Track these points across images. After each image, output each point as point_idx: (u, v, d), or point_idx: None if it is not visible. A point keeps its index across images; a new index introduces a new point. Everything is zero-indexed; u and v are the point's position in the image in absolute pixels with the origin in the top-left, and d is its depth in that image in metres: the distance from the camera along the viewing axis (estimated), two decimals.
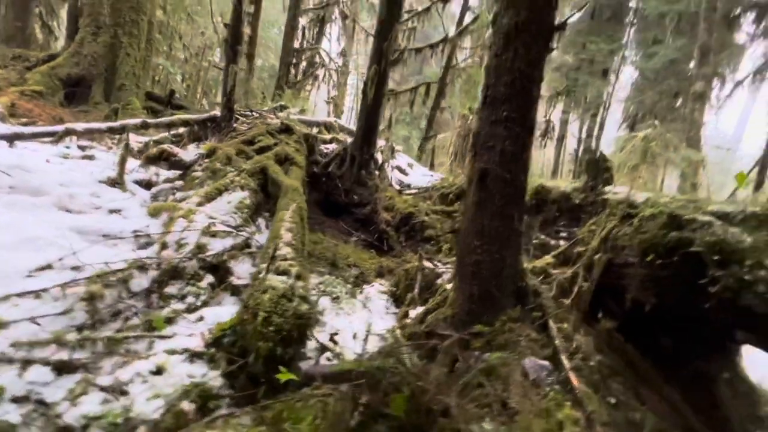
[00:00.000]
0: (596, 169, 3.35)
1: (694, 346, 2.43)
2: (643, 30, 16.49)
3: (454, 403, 1.94)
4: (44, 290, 2.13)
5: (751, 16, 13.38)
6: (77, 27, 8.31)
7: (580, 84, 16.57)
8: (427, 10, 6.83)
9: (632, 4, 16.89)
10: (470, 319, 2.47)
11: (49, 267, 2.34)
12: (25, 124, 5.56)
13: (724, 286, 1.97)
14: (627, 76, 18.10)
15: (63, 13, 12.70)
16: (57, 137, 4.89)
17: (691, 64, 13.60)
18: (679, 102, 15.38)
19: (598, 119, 17.75)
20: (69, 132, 4.97)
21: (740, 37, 14.21)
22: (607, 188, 3.34)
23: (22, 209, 2.87)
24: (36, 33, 11.43)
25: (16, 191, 3.10)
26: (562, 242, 3.46)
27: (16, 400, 1.67)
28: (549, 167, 19.44)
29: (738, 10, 13.55)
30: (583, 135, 18.53)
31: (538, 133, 19.42)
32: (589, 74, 16.45)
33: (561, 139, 19.13)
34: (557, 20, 2.32)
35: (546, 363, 2.14)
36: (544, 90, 19.15)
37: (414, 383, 1.99)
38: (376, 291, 3.96)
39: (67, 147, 5.05)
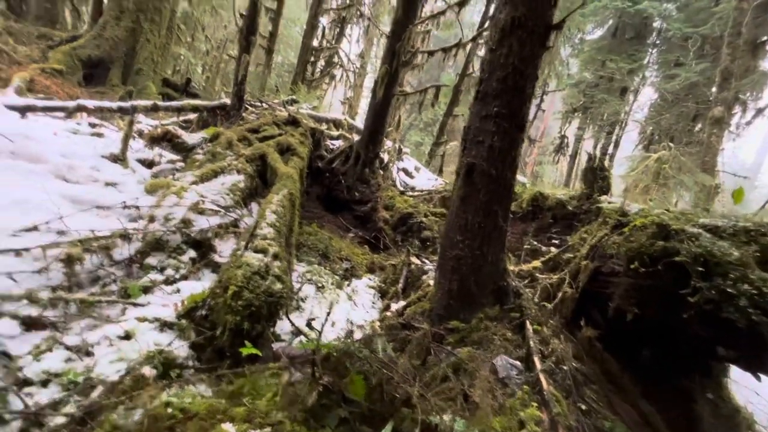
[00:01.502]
0: (593, 176, 3.29)
1: (675, 361, 2.36)
2: (666, 51, 16.29)
3: (417, 394, 1.91)
4: (26, 249, 2.17)
5: None
6: (102, 10, 8.54)
7: (597, 101, 16.41)
8: (443, 13, 6.85)
9: (656, 25, 16.70)
10: (447, 315, 2.43)
11: (35, 229, 2.38)
12: (42, 100, 5.71)
13: (706, 298, 1.90)
14: (646, 96, 17.87)
15: None
16: (68, 112, 5.01)
17: (713, 89, 13.37)
18: (698, 126, 15.11)
19: (614, 138, 17.54)
20: (80, 108, 5.09)
21: (765, 64, 13.92)
22: (603, 197, 3.28)
23: (19, 174, 2.94)
24: (65, 15, 11.80)
25: (17, 157, 3.17)
26: (553, 249, 3.40)
27: None
28: (561, 182, 19.24)
29: (765, 37, 13.30)
30: (598, 152, 18.30)
31: (551, 147, 19.26)
32: (607, 92, 16.28)
33: (574, 155, 18.94)
34: (555, 19, 2.29)
35: (517, 363, 2.10)
36: (561, 105, 19.00)
37: (380, 371, 1.97)
38: (365, 285, 3.94)
39: (78, 123, 5.16)
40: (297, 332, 2.50)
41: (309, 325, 2.66)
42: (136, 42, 8.37)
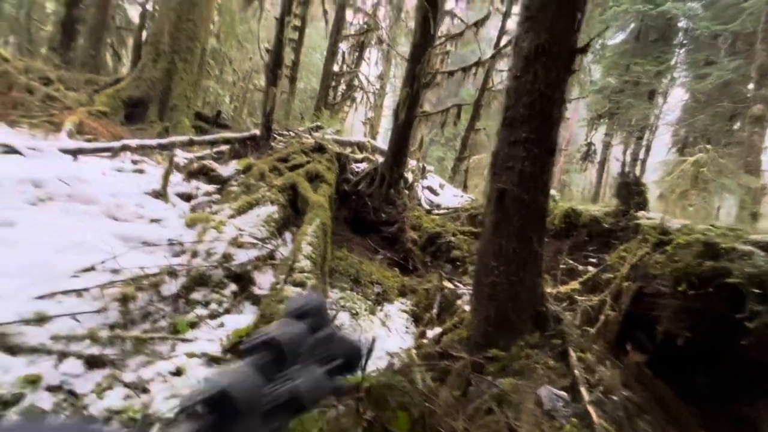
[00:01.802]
0: (628, 193, 3.21)
1: (735, 387, 2.22)
2: (694, 51, 15.77)
3: (461, 428, 1.89)
4: (85, 290, 2.33)
5: None
6: (140, 54, 9.21)
7: (623, 106, 15.98)
8: (461, 34, 6.97)
9: (682, 25, 16.24)
10: (486, 343, 2.40)
11: (92, 269, 2.56)
12: (89, 141, 6.17)
13: (765, 323, 1.80)
14: (676, 98, 17.25)
15: (131, 42, 14.17)
16: (114, 152, 5.39)
17: (750, 86, 12.77)
18: (736, 126, 14.40)
19: (644, 142, 16.95)
20: (124, 148, 5.46)
21: None
22: (640, 213, 3.18)
23: (75, 216, 3.18)
24: (107, 60, 12.80)
25: (72, 200, 3.44)
26: (590, 268, 3.31)
27: (50, 389, 1.82)
28: (590, 191, 18.68)
29: None
30: (628, 159, 17.72)
31: (578, 155, 18.80)
32: (634, 96, 15.84)
33: (603, 162, 18.40)
34: (580, 43, 2.31)
35: (563, 393, 2.03)
36: (585, 113, 18.60)
37: (422, 404, 1.96)
38: (397, 309, 3.94)
39: (122, 161, 5.53)
40: None
41: None
42: (171, 81, 8.94)
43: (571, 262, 3.54)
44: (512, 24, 13.80)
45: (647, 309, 2.50)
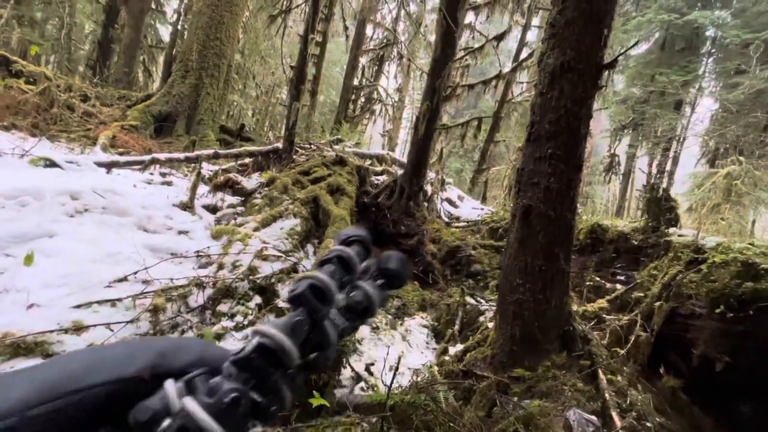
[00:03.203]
0: (658, 208, 3.11)
1: None
2: (723, 59, 15.30)
3: None
4: (119, 300, 2.42)
5: None
6: (171, 71, 9.62)
7: (648, 117, 15.59)
8: (481, 48, 7.00)
9: (709, 34, 15.83)
10: (510, 362, 2.35)
11: (125, 279, 2.66)
12: (121, 154, 6.46)
13: None
14: (704, 108, 16.72)
15: (161, 60, 14.86)
16: (144, 165, 5.61)
17: None
18: None
19: (671, 154, 16.44)
20: (154, 161, 5.68)
21: None
22: (671, 230, 3.08)
23: (110, 227, 3.31)
24: (139, 76, 13.43)
25: (107, 212, 3.59)
26: (618, 286, 3.21)
27: None
28: (613, 204, 18.19)
29: None
30: (654, 170, 17.20)
31: (601, 167, 18.37)
32: (659, 107, 15.45)
33: (627, 174, 17.93)
34: (607, 58, 2.29)
35: (593, 418, 1.96)
36: (607, 124, 18.25)
37: (446, 423, 1.93)
38: (418, 324, 3.91)
39: (151, 174, 5.76)
40: (357, 378, 2.52)
41: (368, 370, 2.68)
42: (198, 96, 9.29)
43: (597, 279, 3.44)
44: (532, 36, 13.78)
45: (681, 331, 2.40)
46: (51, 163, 4.47)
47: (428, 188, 7.72)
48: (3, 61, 7.61)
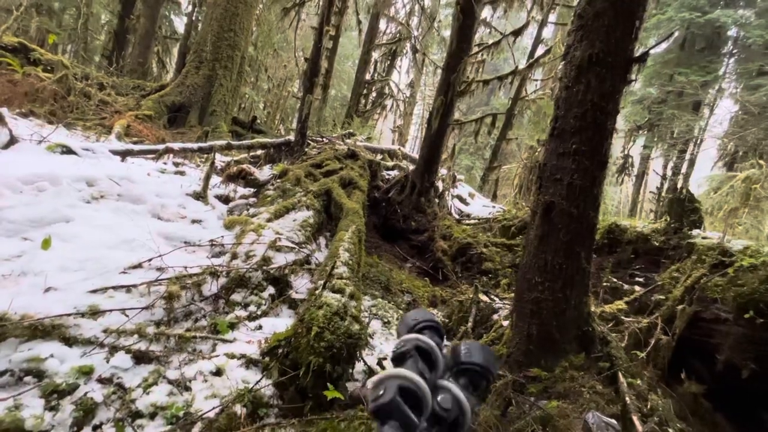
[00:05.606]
0: (681, 209, 3.03)
1: None
2: (745, 60, 14.89)
3: None
4: (134, 286, 2.42)
5: None
6: (185, 62, 9.65)
7: (665, 118, 15.27)
8: (497, 43, 6.89)
9: (731, 33, 15.40)
10: (527, 361, 2.31)
11: (139, 266, 2.66)
12: (135, 143, 6.50)
13: None
14: (724, 109, 16.34)
15: (175, 51, 14.93)
16: (158, 154, 5.64)
17: None
18: None
19: (687, 156, 16.10)
20: (167, 150, 5.71)
21: None
22: (695, 232, 2.99)
23: (125, 214, 3.33)
24: (153, 67, 13.52)
25: (122, 199, 3.61)
26: (637, 287, 3.13)
27: (101, 380, 1.89)
28: (626, 205, 17.92)
29: None
30: (669, 172, 16.87)
31: (614, 168, 18.13)
32: (677, 107, 15.11)
33: (641, 175, 17.63)
34: (638, 51, 2.21)
35: (612, 421, 1.91)
36: (622, 124, 17.98)
37: None
38: None
39: (165, 163, 5.78)
40: (370, 372, 2.50)
41: (380, 364, 2.65)
42: (211, 87, 9.31)
43: (614, 280, 3.37)
44: (548, 33, 13.56)
45: (704, 335, 2.33)
46: (67, 150, 4.50)
47: (439, 184, 7.66)
48: (22, 49, 7.69)
